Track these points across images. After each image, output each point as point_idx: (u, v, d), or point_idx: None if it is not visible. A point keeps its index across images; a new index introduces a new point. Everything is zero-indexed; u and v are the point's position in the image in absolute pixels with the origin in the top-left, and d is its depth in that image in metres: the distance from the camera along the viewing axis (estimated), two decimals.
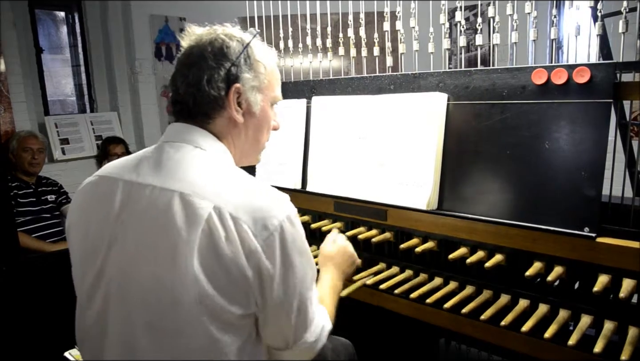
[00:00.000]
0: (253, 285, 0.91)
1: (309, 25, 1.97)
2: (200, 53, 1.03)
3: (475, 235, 1.40)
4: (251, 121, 1.10)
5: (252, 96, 1.07)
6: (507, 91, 1.37)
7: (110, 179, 1.03)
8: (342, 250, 1.44)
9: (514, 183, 1.35)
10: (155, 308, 0.90)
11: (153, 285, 0.90)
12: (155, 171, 0.98)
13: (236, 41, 1.05)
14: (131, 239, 0.94)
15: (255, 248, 0.89)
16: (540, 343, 1.24)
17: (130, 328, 0.93)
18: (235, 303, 0.91)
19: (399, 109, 1.59)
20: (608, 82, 1.20)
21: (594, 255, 1.19)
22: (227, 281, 0.89)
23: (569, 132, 1.25)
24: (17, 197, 3.19)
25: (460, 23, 1.56)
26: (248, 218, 0.90)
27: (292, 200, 1.03)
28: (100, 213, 1.00)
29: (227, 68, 1.02)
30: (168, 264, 0.89)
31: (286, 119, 1.97)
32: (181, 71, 1.04)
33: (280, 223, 0.92)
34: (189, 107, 1.03)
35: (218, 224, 0.88)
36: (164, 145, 1.04)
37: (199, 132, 1.04)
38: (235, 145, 1.09)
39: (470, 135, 1.45)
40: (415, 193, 1.52)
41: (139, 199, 0.96)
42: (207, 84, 1.01)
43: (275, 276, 0.92)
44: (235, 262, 0.88)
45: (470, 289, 1.44)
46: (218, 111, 1.04)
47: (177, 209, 0.91)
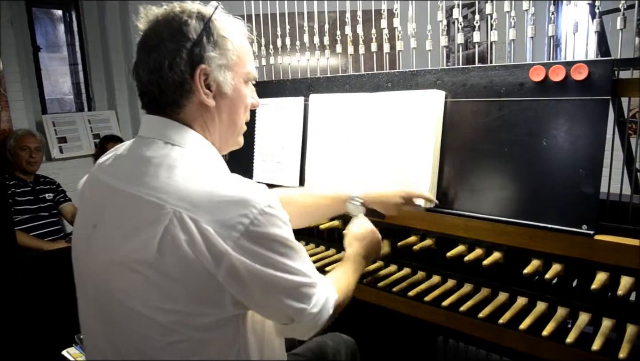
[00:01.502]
0: (228, 287, 0.87)
1: (306, 23, 1.97)
2: (158, 36, 0.95)
3: (473, 233, 1.39)
4: (224, 102, 1.03)
5: (221, 75, 0.99)
6: (505, 88, 1.37)
7: (92, 178, 1.06)
8: (370, 233, 1.39)
9: (511, 180, 1.34)
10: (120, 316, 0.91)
11: (118, 290, 0.90)
12: (127, 173, 0.96)
13: (195, 18, 0.96)
14: (103, 243, 0.94)
15: (225, 250, 0.85)
16: (538, 341, 1.24)
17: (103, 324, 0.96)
18: (208, 305, 0.88)
19: (397, 107, 1.59)
20: (606, 79, 1.20)
21: (592, 253, 1.19)
22: (197, 288, 0.86)
23: (567, 130, 1.25)
24: (14, 195, 3.18)
25: (457, 20, 1.56)
26: (214, 220, 0.85)
27: None
28: (86, 212, 1.03)
29: (189, 48, 0.94)
30: (130, 274, 0.88)
31: (284, 117, 1.97)
32: (141, 58, 0.96)
33: (252, 219, 0.87)
34: (155, 96, 0.97)
35: (179, 231, 0.84)
36: (138, 141, 1.00)
37: (171, 126, 0.98)
38: (211, 131, 1.03)
39: (467, 132, 1.44)
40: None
41: (110, 202, 0.96)
42: (170, 69, 0.94)
43: (253, 272, 0.88)
44: (203, 267, 0.85)
45: (468, 287, 1.43)
46: (186, 97, 0.97)
47: (139, 216, 0.89)
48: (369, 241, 1.37)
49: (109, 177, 0.99)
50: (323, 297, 1.03)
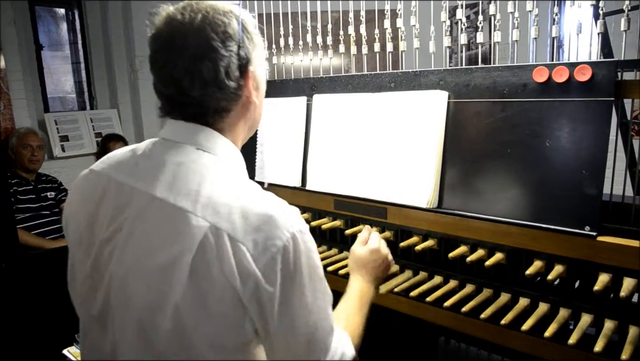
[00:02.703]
0: (251, 311, 0.82)
1: (309, 23, 1.97)
2: (203, 41, 0.88)
3: (476, 233, 1.39)
4: (259, 97, 1.02)
5: (259, 72, 0.99)
6: (508, 89, 1.37)
7: (103, 176, 0.96)
8: (375, 253, 1.30)
9: (514, 181, 1.34)
10: (143, 319, 0.85)
11: (143, 300, 0.84)
12: (154, 177, 0.89)
13: (233, 17, 0.92)
14: (128, 249, 0.87)
15: (253, 271, 0.79)
16: (541, 342, 1.24)
17: (122, 334, 0.88)
18: (227, 329, 0.83)
19: (400, 107, 1.59)
20: (609, 80, 1.19)
21: (595, 254, 1.19)
22: (221, 305, 0.81)
23: (570, 131, 1.25)
24: (16, 194, 3.19)
25: (461, 21, 1.56)
26: (248, 239, 0.80)
27: (292, 198, 1.01)
28: (91, 210, 0.93)
29: (237, 52, 0.91)
30: (158, 282, 0.82)
31: (286, 117, 1.97)
32: (184, 66, 0.88)
33: (285, 243, 0.81)
34: (207, 107, 0.92)
35: (213, 247, 0.80)
36: (164, 144, 0.94)
37: (203, 131, 0.93)
38: (246, 127, 1.02)
39: (470, 133, 1.44)
40: (415, 191, 1.52)
41: (136, 206, 0.88)
42: (227, 77, 0.89)
43: (276, 302, 0.82)
44: (231, 286, 0.80)
45: (470, 287, 1.43)
46: (237, 101, 0.94)
47: (172, 226, 0.83)
48: (375, 265, 1.28)
49: (131, 178, 0.92)
50: (340, 349, 0.95)
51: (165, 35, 0.91)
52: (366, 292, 1.22)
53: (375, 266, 1.28)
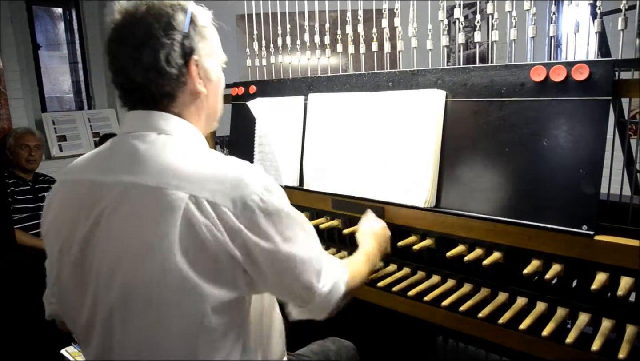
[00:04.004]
0: (244, 264, 0.90)
1: (307, 23, 1.97)
2: (147, 30, 0.94)
3: (473, 233, 1.39)
4: (211, 88, 1.07)
5: (207, 63, 1.04)
6: (506, 88, 1.37)
7: (71, 183, 1.01)
8: (382, 229, 1.47)
9: (512, 180, 1.34)
10: (138, 302, 0.89)
11: (137, 282, 0.88)
12: (125, 167, 0.94)
13: (179, 10, 0.99)
14: (111, 239, 0.91)
15: (238, 227, 0.88)
16: (538, 341, 1.24)
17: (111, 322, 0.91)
18: (223, 286, 0.89)
19: (397, 106, 1.59)
20: (607, 79, 1.19)
21: (592, 253, 1.19)
22: (214, 268, 0.88)
23: (568, 130, 1.25)
24: (14, 194, 3.18)
25: (458, 20, 1.56)
26: (226, 199, 0.88)
27: (290, 198, 1.02)
28: (73, 215, 0.96)
29: (180, 41, 0.97)
30: (149, 261, 0.87)
31: (284, 117, 1.97)
32: (128, 54, 0.95)
33: (260, 196, 0.90)
34: (151, 93, 0.97)
35: (197, 214, 0.86)
36: (127, 137, 0.98)
37: (162, 117, 0.99)
38: (200, 117, 1.06)
39: (468, 132, 1.44)
40: (413, 191, 1.52)
41: (110, 198, 0.92)
42: (167, 64, 0.95)
43: (266, 249, 0.91)
44: (221, 247, 0.87)
45: (468, 287, 1.43)
46: (181, 88, 1.00)
47: (152, 204, 0.88)
48: (382, 236, 1.45)
49: (97, 174, 0.97)
50: (332, 277, 1.07)
51: (117, 27, 0.98)
52: (374, 254, 1.34)
53: (384, 239, 1.45)
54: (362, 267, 1.25)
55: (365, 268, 1.26)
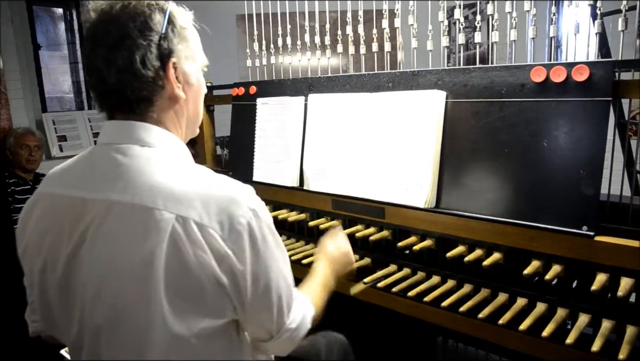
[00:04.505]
0: (228, 289, 0.87)
1: (307, 23, 1.97)
2: (121, 30, 0.89)
3: (473, 233, 1.39)
4: (190, 93, 1.01)
5: (187, 66, 0.98)
6: (506, 88, 1.37)
7: (56, 196, 0.95)
8: (343, 251, 1.42)
9: (512, 181, 1.34)
10: (124, 324, 0.86)
11: (122, 304, 0.85)
12: (108, 183, 0.89)
13: (157, 10, 0.93)
14: (96, 258, 0.87)
15: (225, 252, 0.85)
16: (538, 342, 1.24)
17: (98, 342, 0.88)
18: (209, 315, 0.87)
19: (397, 107, 1.59)
20: (607, 80, 1.20)
21: (592, 254, 1.19)
22: (199, 295, 0.85)
23: (568, 131, 1.25)
24: (14, 194, 3.18)
25: (459, 21, 1.56)
26: (214, 221, 0.84)
27: (290, 198, 1.02)
28: (55, 232, 0.92)
29: (157, 43, 0.91)
30: (134, 284, 0.84)
31: (284, 117, 1.97)
32: (102, 54, 0.89)
33: (248, 220, 0.87)
34: (127, 96, 0.91)
35: (183, 236, 0.82)
36: (108, 149, 0.93)
37: (143, 128, 0.94)
38: (180, 123, 1.01)
39: (468, 133, 1.44)
40: (413, 191, 1.52)
41: (94, 215, 0.88)
42: (142, 66, 0.89)
43: (248, 275, 0.88)
44: (207, 271, 0.84)
45: (468, 287, 1.43)
46: (158, 92, 0.94)
47: (137, 224, 0.84)
48: (340, 262, 1.40)
49: (78, 190, 0.92)
50: (301, 313, 1.05)
51: (91, 26, 0.93)
52: (329, 280, 1.30)
53: (339, 263, 1.39)
54: (321, 296, 1.22)
55: (323, 296, 1.23)
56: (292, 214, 1.89)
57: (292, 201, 1.91)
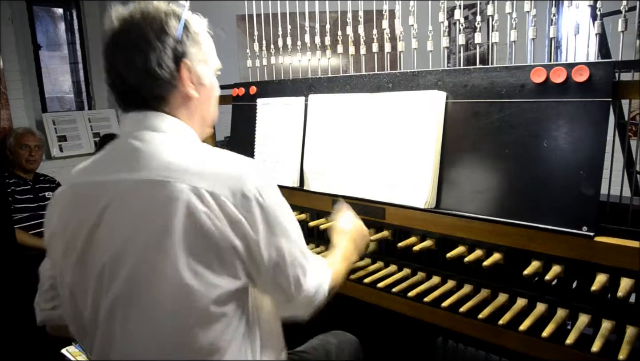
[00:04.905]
0: (242, 254, 0.93)
1: (307, 23, 1.97)
2: (140, 34, 0.98)
3: (473, 234, 1.39)
4: (203, 93, 1.09)
5: (200, 69, 1.06)
6: (506, 89, 1.37)
7: (78, 185, 1.03)
8: (357, 225, 1.47)
9: (512, 181, 1.34)
10: (142, 295, 0.90)
11: (141, 276, 0.90)
12: (125, 165, 0.97)
13: (173, 16, 1.02)
14: (114, 234, 0.93)
15: (238, 218, 0.91)
16: (538, 342, 1.24)
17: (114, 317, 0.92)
18: (226, 276, 0.92)
19: (397, 107, 1.59)
20: (607, 81, 1.20)
21: (592, 254, 1.19)
22: (217, 257, 0.90)
23: (568, 131, 1.25)
24: (14, 194, 3.18)
25: (459, 21, 1.56)
26: (226, 190, 0.91)
27: (290, 198, 1.03)
28: (77, 217, 0.98)
29: (172, 46, 1.00)
30: (153, 255, 0.89)
31: (284, 117, 1.97)
32: (121, 57, 1.00)
33: (257, 188, 0.94)
34: (142, 95, 1.01)
35: (199, 205, 0.88)
36: (126, 138, 1.01)
37: (156, 116, 1.02)
38: (193, 119, 1.08)
39: (468, 133, 1.44)
40: (413, 192, 1.52)
41: (110, 195, 0.95)
42: (158, 67, 0.98)
43: (261, 241, 0.94)
44: (223, 237, 0.89)
45: (468, 288, 1.43)
46: (172, 91, 1.02)
47: (153, 197, 0.91)
48: (358, 235, 1.44)
49: (99, 175, 1.00)
50: (317, 280, 1.09)
51: (114, 34, 1.01)
52: (350, 253, 1.35)
53: (357, 236, 1.43)
54: (341, 267, 1.26)
55: (344, 268, 1.28)
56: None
57: (292, 201, 1.90)
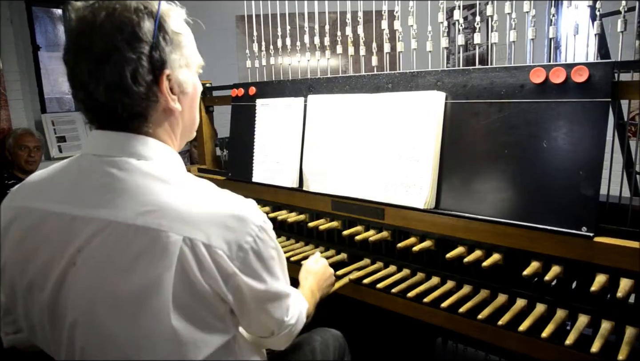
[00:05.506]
0: (233, 306, 0.87)
1: (307, 24, 1.97)
2: (107, 42, 0.82)
3: (473, 234, 1.39)
4: (186, 102, 0.96)
5: (182, 75, 0.92)
6: (506, 89, 1.37)
7: (40, 213, 0.87)
8: (323, 268, 1.48)
9: (511, 182, 1.34)
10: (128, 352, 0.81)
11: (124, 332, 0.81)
12: (103, 199, 0.83)
13: (145, 15, 0.85)
14: (89, 283, 0.82)
15: (233, 271, 0.83)
16: (538, 343, 1.24)
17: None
18: (216, 331, 0.86)
19: (397, 108, 1.59)
20: (606, 81, 1.20)
21: (592, 255, 1.19)
22: (207, 313, 0.84)
23: (567, 132, 1.25)
24: None
25: (458, 22, 1.56)
26: (222, 242, 0.82)
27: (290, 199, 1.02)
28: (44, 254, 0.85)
29: (148, 54, 0.84)
30: (140, 311, 0.79)
31: (283, 118, 1.97)
32: (88, 69, 0.83)
33: (254, 238, 0.86)
34: (118, 113, 0.85)
35: (191, 259, 0.79)
36: (100, 162, 0.86)
37: (138, 140, 0.88)
38: (175, 134, 0.97)
39: (468, 134, 1.44)
40: (412, 192, 1.52)
41: (87, 235, 0.82)
42: (134, 82, 0.83)
43: (255, 289, 0.89)
44: (214, 292, 0.83)
45: (467, 288, 1.43)
46: (153, 107, 0.89)
47: (143, 247, 0.79)
48: (323, 277, 1.45)
49: (67, 206, 0.85)
50: (297, 309, 1.09)
51: (73, 35, 0.85)
52: (315, 290, 1.36)
53: (322, 277, 1.45)
54: (311, 300, 1.28)
55: (312, 301, 1.29)
56: (292, 215, 1.89)
57: (292, 202, 1.91)
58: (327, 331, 1.48)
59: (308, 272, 1.44)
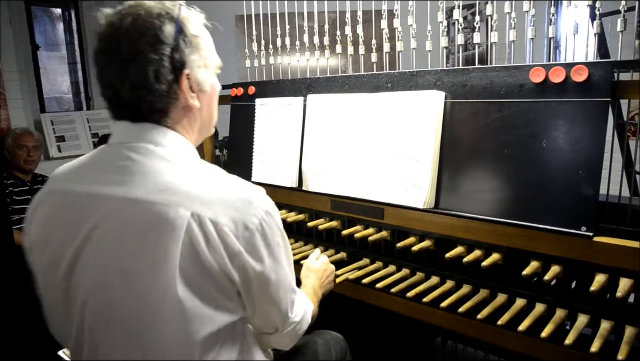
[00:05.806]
0: (239, 287, 0.90)
1: (306, 23, 1.97)
2: (133, 45, 0.89)
3: (472, 234, 1.39)
4: (204, 99, 1.03)
5: (201, 75, 0.99)
6: (505, 89, 1.37)
7: (64, 193, 0.94)
8: (324, 265, 1.52)
9: (511, 181, 1.34)
10: (136, 327, 0.86)
11: (133, 306, 0.85)
12: (122, 180, 0.89)
13: (167, 20, 0.92)
14: (102, 256, 0.87)
15: (238, 249, 0.87)
16: (537, 343, 1.24)
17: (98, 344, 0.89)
18: (222, 309, 0.89)
19: (396, 107, 1.59)
20: (606, 81, 1.20)
21: (591, 254, 1.19)
22: (214, 290, 0.87)
23: (567, 131, 1.25)
24: (12, 194, 3.17)
25: (458, 21, 1.56)
26: (228, 220, 0.86)
27: (289, 198, 1.02)
28: (61, 232, 0.92)
29: (170, 55, 0.91)
30: (147, 284, 0.84)
31: (283, 117, 1.97)
32: (115, 70, 0.91)
33: (260, 220, 0.90)
34: (141, 109, 0.93)
35: (198, 233, 0.84)
36: (120, 147, 0.94)
37: (156, 129, 0.95)
38: (193, 129, 1.03)
39: (467, 133, 1.44)
40: (412, 192, 1.52)
41: (104, 212, 0.88)
42: (156, 81, 0.91)
43: (260, 272, 0.91)
44: (221, 269, 0.86)
45: (467, 288, 1.43)
46: (173, 103, 0.95)
47: (150, 221, 0.85)
48: (324, 274, 1.49)
49: (87, 185, 0.92)
50: (302, 308, 1.12)
51: (103, 39, 0.93)
52: (317, 288, 1.41)
53: (323, 275, 1.49)
54: (313, 299, 1.31)
55: (315, 300, 1.33)
56: (291, 214, 1.88)
57: (291, 202, 1.90)
58: (328, 333, 1.49)
59: (309, 270, 1.47)
